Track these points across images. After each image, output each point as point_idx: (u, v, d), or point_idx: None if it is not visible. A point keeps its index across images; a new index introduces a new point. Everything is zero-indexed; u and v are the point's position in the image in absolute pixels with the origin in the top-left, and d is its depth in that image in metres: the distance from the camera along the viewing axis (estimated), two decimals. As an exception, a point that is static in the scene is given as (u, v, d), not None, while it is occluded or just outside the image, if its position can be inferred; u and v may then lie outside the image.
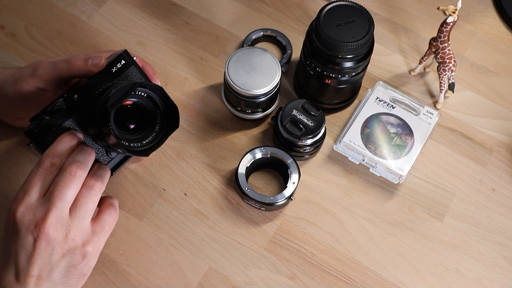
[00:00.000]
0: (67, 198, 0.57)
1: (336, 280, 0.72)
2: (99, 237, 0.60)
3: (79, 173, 0.58)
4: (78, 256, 0.58)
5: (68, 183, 0.57)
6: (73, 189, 0.57)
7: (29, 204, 0.57)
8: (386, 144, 0.77)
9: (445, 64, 0.80)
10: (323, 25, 0.70)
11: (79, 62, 0.63)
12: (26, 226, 0.56)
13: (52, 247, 0.56)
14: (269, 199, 0.72)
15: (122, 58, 0.64)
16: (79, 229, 0.58)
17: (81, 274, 0.60)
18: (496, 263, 0.74)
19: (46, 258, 0.56)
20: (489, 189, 0.78)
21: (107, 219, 0.61)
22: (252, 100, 0.74)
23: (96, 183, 0.59)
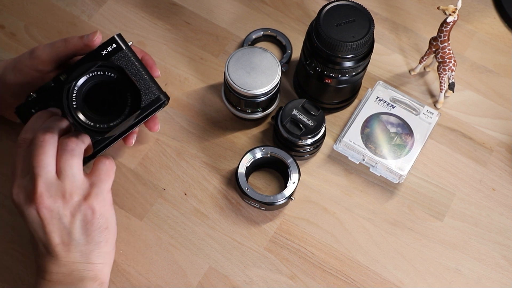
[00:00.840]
0: (46, 163, 0.58)
1: (336, 279, 0.72)
2: (99, 187, 0.61)
3: (47, 136, 0.59)
4: (87, 212, 0.60)
5: (40, 149, 0.58)
6: (49, 154, 0.59)
7: (19, 183, 0.59)
8: (386, 143, 0.77)
9: (445, 64, 0.80)
10: (323, 24, 0.70)
11: (75, 39, 0.64)
12: (24, 203, 0.58)
13: (56, 212, 0.58)
14: (269, 198, 0.72)
15: (113, 41, 0.64)
16: (74, 186, 0.59)
17: (102, 228, 0.61)
18: (496, 263, 0.74)
19: (58, 223, 0.59)
20: (489, 188, 0.78)
21: (101, 168, 0.62)
22: (252, 99, 0.74)
23: (70, 139, 0.60)
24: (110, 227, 0.62)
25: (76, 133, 0.62)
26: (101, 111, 0.61)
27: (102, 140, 0.66)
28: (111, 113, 0.61)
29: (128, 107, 0.61)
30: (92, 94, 0.60)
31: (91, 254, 0.61)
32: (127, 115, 0.61)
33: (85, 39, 0.64)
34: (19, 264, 0.70)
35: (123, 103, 0.61)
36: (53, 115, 0.62)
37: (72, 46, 0.64)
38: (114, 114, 0.61)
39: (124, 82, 0.61)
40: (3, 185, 0.74)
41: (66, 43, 0.64)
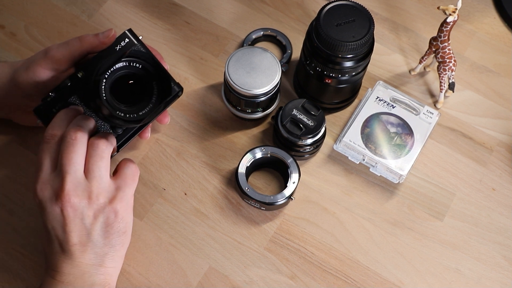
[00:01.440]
0: (76, 162, 0.58)
1: (336, 279, 0.72)
2: (124, 191, 0.61)
3: (79, 135, 0.59)
4: (110, 214, 0.60)
5: (71, 147, 0.58)
6: (79, 152, 0.59)
7: (44, 179, 0.59)
8: (386, 143, 0.77)
9: (445, 64, 0.80)
10: (323, 24, 0.70)
11: (90, 38, 0.64)
12: (49, 200, 0.58)
13: (80, 211, 0.58)
14: (269, 198, 0.72)
15: (125, 36, 0.65)
16: (100, 188, 0.59)
17: (121, 232, 0.61)
18: (496, 262, 0.74)
19: (80, 223, 0.58)
20: (489, 188, 0.78)
21: (127, 172, 0.62)
22: (252, 99, 0.74)
23: (101, 140, 0.60)
24: (128, 231, 0.62)
25: (104, 134, 0.62)
26: (128, 102, 0.62)
27: (121, 136, 0.67)
28: (139, 102, 0.62)
29: (155, 95, 0.62)
30: (118, 86, 0.61)
31: (105, 257, 0.61)
32: (154, 103, 0.62)
33: (101, 36, 0.64)
34: (19, 264, 0.70)
35: (150, 92, 0.62)
36: (78, 113, 0.63)
37: (88, 44, 0.64)
38: (142, 103, 0.62)
39: (149, 71, 0.62)
40: (3, 185, 0.74)
41: (81, 42, 0.64)
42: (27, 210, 0.73)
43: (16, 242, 0.71)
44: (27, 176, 0.75)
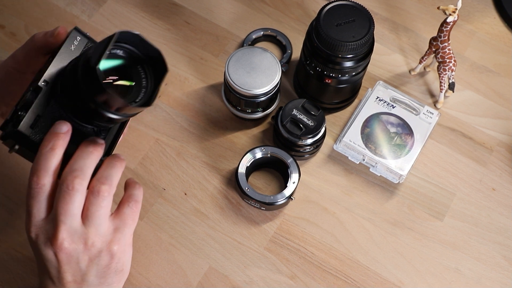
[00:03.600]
0: (72, 212, 0.54)
1: (336, 279, 0.72)
2: (122, 233, 0.57)
3: (77, 184, 0.53)
4: (106, 257, 0.56)
5: (68, 198, 0.53)
6: (77, 202, 0.54)
7: (37, 225, 0.55)
8: (386, 143, 0.77)
9: (445, 64, 0.80)
10: (323, 24, 0.70)
11: (40, 35, 0.62)
12: (43, 243, 0.54)
13: (76, 257, 0.55)
14: (269, 198, 0.72)
15: (76, 35, 0.60)
16: (97, 235, 0.55)
17: (118, 271, 0.58)
18: (496, 262, 0.74)
19: (75, 266, 0.55)
20: (489, 188, 0.78)
21: (127, 213, 0.58)
22: (252, 99, 0.74)
23: (102, 187, 0.55)
24: (126, 269, 0.59)
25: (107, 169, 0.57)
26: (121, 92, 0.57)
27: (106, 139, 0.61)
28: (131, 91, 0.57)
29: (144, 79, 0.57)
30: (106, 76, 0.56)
31: None
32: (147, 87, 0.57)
33: (48, 35, 0.61)
34: (19, 264, 0.70)
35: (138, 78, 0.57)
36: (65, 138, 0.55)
37: (39, 42, 0.61)
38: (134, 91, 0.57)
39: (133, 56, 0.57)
40: (3, 185, 0.74)
41: (33, 40, 0.62)
42: (27, 210, 0.73)
43: (16, 242, 0.71)
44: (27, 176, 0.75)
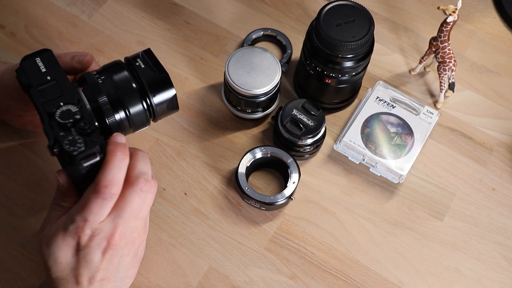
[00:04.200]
0: (134, 210, 0.56)
1: (336, 279, 0.72)
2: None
3: (147, 186, 0.56)
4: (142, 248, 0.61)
5: (139, 199, 0.56)
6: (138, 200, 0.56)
7: (94, 227, 0.55)
8: (386, 143, 0.77)
9: (445, 64, 0.80)
10: (323, 24, 0.70)
11: (67, 58, 0.63)
12: (97, 244, 0.55)
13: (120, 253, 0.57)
14: (269, 198, 0.72)
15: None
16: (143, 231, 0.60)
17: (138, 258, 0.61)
18: (496, 262, 0.74)
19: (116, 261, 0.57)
20: (489, 188, 0.78)
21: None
22: (252, 99, 0.74)
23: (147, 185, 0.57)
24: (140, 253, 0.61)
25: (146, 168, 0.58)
26: None
27: None
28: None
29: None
30: None
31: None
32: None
33: (75, 60, 0.63)
34: (19, 264, 0.70)
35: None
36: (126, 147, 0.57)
37: (64, 64, 0.63)
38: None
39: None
40: (3, 185, 0.74)
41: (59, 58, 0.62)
42: (27, 210, 0.73)
43: (16, 242, 0.71)
44: (27, 176, 0.75)
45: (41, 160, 0.76)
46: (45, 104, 0.56)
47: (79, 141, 0.53)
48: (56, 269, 0.56)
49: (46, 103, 0.56)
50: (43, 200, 0.73)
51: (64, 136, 0.53)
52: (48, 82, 0.57)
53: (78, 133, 0.54)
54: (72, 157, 0.53)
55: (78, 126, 0.54)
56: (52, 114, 0.55)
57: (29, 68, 0.58)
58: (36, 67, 0.58)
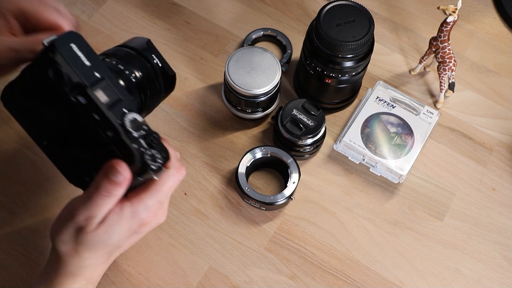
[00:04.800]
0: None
1: (336, 279, 0.72)
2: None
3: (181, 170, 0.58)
4: None
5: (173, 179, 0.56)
6: None
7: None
8: (386, 143, 0.77)
9: (445, 64, 0.80)
10: (323, 24, 0.70)
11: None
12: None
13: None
14: (269, 198, 0.72)
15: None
16: None
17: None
18: (497, 262, 0.74)
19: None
20: (489, 188, 0.78)
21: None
22: (252, 99, 0.74)
23: None
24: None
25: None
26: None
27: None
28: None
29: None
30: None
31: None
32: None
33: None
34: (19, 264, 0.70)
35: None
36: None
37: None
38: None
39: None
40: (3, 185, 0.74)
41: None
42: (27, 210, 0.73)
43: (16, 242, 0.71)
44: (27, 176, 0.75)
45: (41, 160, 0.76)
46: (111, 111, 0.48)
47: (158, 156, 0.50)
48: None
49: (112, 111, 0.48)
50: (43, 200, 0.73)
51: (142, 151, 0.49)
52: (99, 81, 0.49)
53: (147, 144, 0.50)
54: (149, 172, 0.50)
55: (149, 138, 0.50)
56: (122, 124, 0.48)
57: (70, 59, 0.48)
58: (77, 59, 0.48)
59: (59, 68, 0.46)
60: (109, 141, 0.48)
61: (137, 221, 0.54)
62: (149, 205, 0.54)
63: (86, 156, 0.51)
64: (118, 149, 0.48)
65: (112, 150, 0.49)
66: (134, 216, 0.54)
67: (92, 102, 0.47)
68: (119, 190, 0.51)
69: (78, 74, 0.47)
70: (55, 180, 0.75)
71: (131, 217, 0.54)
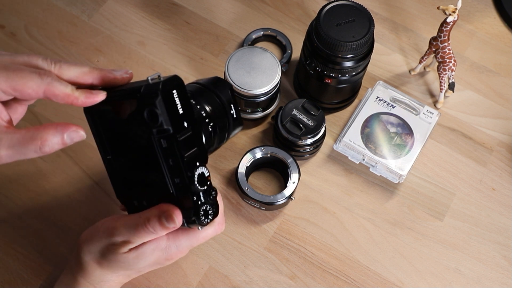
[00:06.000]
0: None
1: (336, 279, 0.72)
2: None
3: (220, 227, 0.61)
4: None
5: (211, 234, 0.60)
6: None
7: None
8: (386, 143, 0.77)
9: (445, 64, 0.80)
10: (323, 24, 0.70)
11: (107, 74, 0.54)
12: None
13: None
14: (269, 198, 0.72)
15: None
16: None
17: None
18: (497, 262, 0.74)
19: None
20: (489, 188, 0.78)
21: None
22: (252, 99, 0.74)
23: None
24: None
25: None
26: None
27: None
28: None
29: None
30: None
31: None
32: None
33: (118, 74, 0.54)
34: (19, 264, 0.70)
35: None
36: None
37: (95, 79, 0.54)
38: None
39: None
40: (3, 185, 0.74)
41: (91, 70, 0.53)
42: (27, 210, 0.73)
43: (16, 242, 0.71)
44: (27, 176, 0.75)
45: (41, 160, 0.76)
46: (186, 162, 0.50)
47: (210, 212, 0.53)
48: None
49: (186, 162, 0.50)
50: (43, 200, 0.73)
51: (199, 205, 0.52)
52: (185, 131, 0.50)
53: (205, 199, 0.52)
54: (197, 224, 0.53)
55: (208, 194, 0.52)
56: (191, 177, 0.51)
57: (168, 105, 0.49)
58: (174, 106, 0.49)
59: (156, 111, 0.48)
60: (173, 186, 0.51)
61: (166, 255, 0.57)
62: (182, 245, 0.57)
63: (143, 183, 0.54)
64: (179, 197, 0.51)
65: (172, 194, 0.52)
66: (165, 251, 0.57)
67: (172, 149, 0.50)
68: (164, 232, 0.54)
69: (171, 122, 0.49)
70: (55, 180, 0.75)
71: (162, 251, 0.57)
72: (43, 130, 0.49)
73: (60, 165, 0.76)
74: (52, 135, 0.49)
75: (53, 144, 0.49)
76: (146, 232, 0.53)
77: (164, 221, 0.52)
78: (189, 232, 0.57)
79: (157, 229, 0.53)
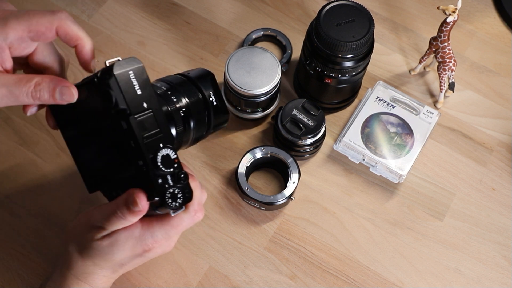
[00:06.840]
0: None
1: (336, 279, 0.72)
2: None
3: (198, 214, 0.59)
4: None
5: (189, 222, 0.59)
6: None
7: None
8: (386, 143, 0.77)
9: (445, 64, 0.80)
10: (323, 24, 0.70)
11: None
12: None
13: None
14: (269, 198, 0.72)
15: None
16: None
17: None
18: (497, 262, 0.74)
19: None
20: (489, 188, 0.78)
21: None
22: (252, 99, 0.74)
23: None
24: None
25: None
26: None
27: None
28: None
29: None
30: None
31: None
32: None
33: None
34: (19, 264, 0.70)
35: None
36: None
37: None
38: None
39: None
40: (3, 185, 0.74)
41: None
42: (27, 210, 0.73)
43: (16, 242, 0.71)
44: (27, 176, 0.75)
45: (41, 160, 0.76)
46: (146, 143, 0.50)
47: (180, 196, 0.52)
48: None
49: (147, 143, 0.50)
50: (43, 200, 0.73)
51: (165, 188, 0.51)
52: (145, 112, 0.51)
53: (173, 181, 0.52)
54: (166, 208, 0.52)
55: (176, 176, 0.52)
56: (154, 158, 0.50)
57: (123, 85, 0.50)
58: (130, 86, 0.50)
59: (110, 91, 0.49)
60: (138, 169, 0.51)
61: (142, 245, 0.56)
62: (157, 235, 0.56)
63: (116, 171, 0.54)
64: (143, 179, 0.51)
65: (138, 177, 0.51)
66: (140, 240, 0.56)
67: (131, 129, 0.50)
68: (133, 218, 0.54)
69: (126, 101, 0.49)
70: (55, 180, 0.75)
71: (136, 240, 0.56)
72: (39, 76, 0.51)
73: (60, 165, 0.76)
74: (46, 82, 0.50)
75: (44, 91, 0.50)
76: (117, 217, 0.53)
77: (130, 205, 0.52)
78: (162, 219, 0.56)
79: (125, 214, 0.53)
